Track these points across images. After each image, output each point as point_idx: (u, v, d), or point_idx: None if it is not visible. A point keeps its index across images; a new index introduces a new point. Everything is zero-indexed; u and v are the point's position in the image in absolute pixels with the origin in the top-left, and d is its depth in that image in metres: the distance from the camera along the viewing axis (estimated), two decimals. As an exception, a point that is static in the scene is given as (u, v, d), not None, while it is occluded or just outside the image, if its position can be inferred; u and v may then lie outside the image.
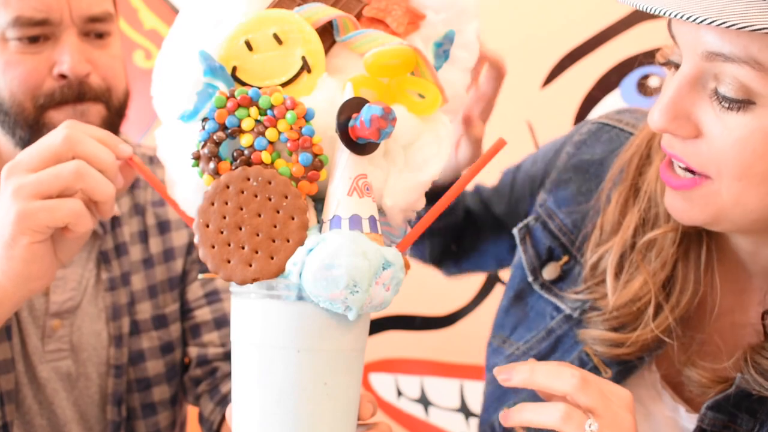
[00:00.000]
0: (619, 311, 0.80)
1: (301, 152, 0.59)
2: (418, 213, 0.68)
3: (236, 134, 0.60)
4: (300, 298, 0.59)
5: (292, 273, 0.58)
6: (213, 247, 0.59)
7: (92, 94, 0.99)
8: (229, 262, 0.58)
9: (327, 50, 0.63)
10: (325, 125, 0.60)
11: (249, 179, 0.59)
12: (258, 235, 0.58)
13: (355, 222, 0.59)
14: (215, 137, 0.59)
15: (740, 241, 0.78)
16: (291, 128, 0.59)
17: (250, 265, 0.58)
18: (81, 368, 1.06)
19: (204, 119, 0.60)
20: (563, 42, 1.61)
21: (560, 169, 0.93)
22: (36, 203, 0.69)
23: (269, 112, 0.59)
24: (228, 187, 0.59)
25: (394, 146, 0.63)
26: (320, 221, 0.61)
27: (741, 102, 0.65)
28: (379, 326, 1.78)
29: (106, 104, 1.00)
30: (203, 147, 0.59)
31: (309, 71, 0.61)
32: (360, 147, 0.59)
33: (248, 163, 0.59)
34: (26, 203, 0.69)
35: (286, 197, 0.59)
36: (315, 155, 0.59)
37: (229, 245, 0.58)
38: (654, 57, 0.76)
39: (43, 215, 0.70)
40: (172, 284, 1.14)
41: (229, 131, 0.59)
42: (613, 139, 0.90)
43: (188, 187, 0.63)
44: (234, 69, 0.61)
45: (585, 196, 0.88)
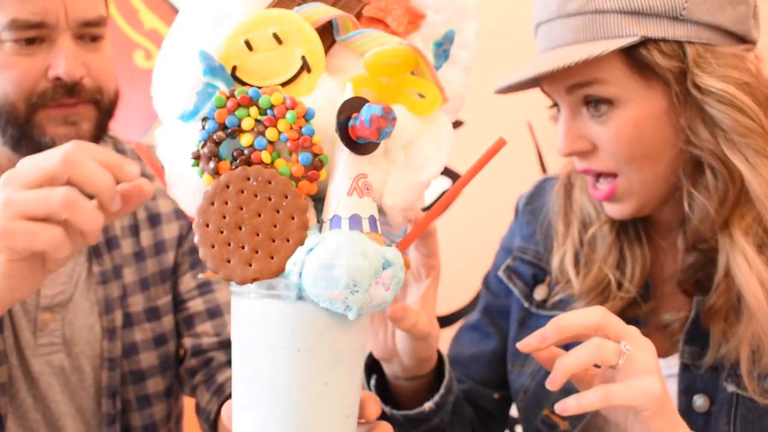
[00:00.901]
0: (588, 295, 0.97)
1: (301, 152, 0.59)
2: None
3: (236, 134, 0.59)
4: (300, 298, 0.59)
5: (292, 273, 0.58)
6: (213, 247, 0.58)
7: (85, 96, 0.99)
8: (229, 262, 0.58)
9: (327, 50, 0.62)
10: (325, 125, 0.60)
11: (249, 179, 0.58)
12: (258, 235, 0.58)
13: (355, 222, 0.58)
14: (215, 137, 0.59)
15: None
16: (291, 128, 0.59)
17: (250, 265, 0.58)
18: (74, 362, 1.07)
19: (204, 119, 0.60)
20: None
21: (520, 219, 1.13)
22: (18, 224, 0.68)
23: (269, 112, 0.59)
24: (228, 187, 0.59)
25: (394, 146, 0.63)
26: (320, 221, 0.61)
27: (605, 104, 0.88)
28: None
29: (97, 105, 1.02)
30: (203, 147, 0.59)
31: (309, 71, 0.61)
32: (360, 147, 0.59)
33: (248, 163, 0.59)
34: (9, 222, 0.69)
35: (286, 197, 0.59)
36: (315, 155, 0.59)
37: (229, 245, 0.58)
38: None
39: (21, 239, 0.69)
40: (164, 276, 1.15)
41: (229, 131, 0.59)
42: (552, 186, 1.10)
43: (188, 187, 0.63)
44: (234, 69, 0.61)
45: (543, 229, 1.08)
